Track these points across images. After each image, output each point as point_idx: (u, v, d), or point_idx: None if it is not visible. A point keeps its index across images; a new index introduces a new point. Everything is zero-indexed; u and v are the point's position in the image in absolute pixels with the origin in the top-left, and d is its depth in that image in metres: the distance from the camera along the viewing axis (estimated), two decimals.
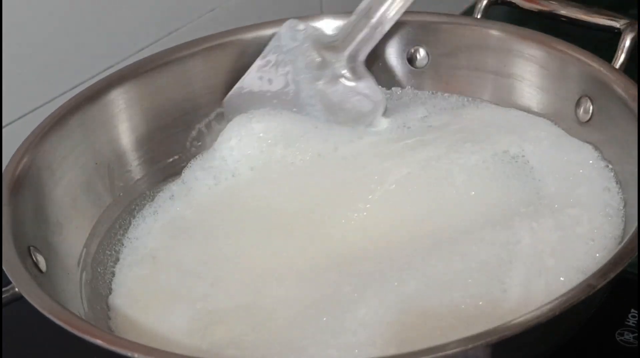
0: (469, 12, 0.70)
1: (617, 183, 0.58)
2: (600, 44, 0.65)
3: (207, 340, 0.54)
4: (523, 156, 0.63)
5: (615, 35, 0.62)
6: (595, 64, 0.60)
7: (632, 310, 0.59)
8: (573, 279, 0.50)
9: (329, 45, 0.67)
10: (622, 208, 0.56)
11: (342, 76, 0.67)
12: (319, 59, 0.67)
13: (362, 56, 0.67)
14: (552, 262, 0.54)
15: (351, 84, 0.67)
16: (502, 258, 0.54)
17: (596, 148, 0.60)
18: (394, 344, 0.51)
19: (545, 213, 0.57)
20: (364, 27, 0.67)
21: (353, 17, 0.67)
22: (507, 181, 0.62)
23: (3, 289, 0.49)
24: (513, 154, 0.63)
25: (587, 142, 0.61)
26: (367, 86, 0.67)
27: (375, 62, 0.69)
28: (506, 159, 0.63)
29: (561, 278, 0.53)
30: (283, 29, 0.67)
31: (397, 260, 0.57)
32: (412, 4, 0.65)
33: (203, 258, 0.61)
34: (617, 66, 0.61)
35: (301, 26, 0.68)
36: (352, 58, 0.67)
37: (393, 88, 0.70)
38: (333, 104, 0.67)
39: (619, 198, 0.57)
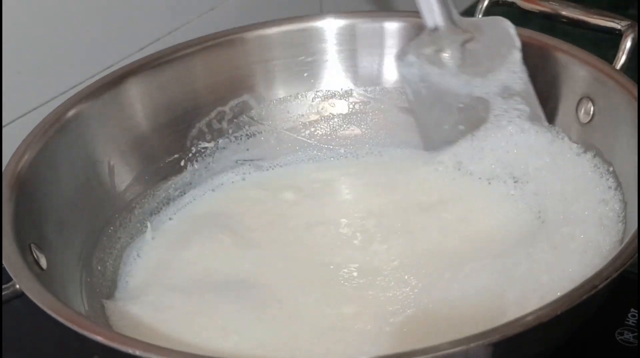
0: (470, 11, 0.70)
1: (616, 189, 0.58)
2: (601, 44, 0.66)
3: (207, 343, 0.54)
4: (522, 182, 0.64)
5: (615, 36, 0.62)
6: (596, 65, 0.60)
7: (632, 310, 0.59)
8: (566, 288, 0.51)
9: (429, 37, 0.66)
10: (621, 212, 0.56)
11: (460, 38, 0.65)
12: (431, 51, 0.66)
13: (454, 13, 0.65)
14: (546, 278, 0.54)
15: (469, 34, 0.65)
16: (499, 283, 0.55)
17: (597, 152, 0.60)
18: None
19: (542, 238, 0.58)
20: None
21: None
22: (506, 209, 0.63)
23: (4, 286, 0.49)
24: (511, 181, 0.64)
25: (587, 146, 0.61)
26: (482, 22, 0.66)
27: (376, 61, 0.70)
28: (505, 186, 0.64)
29: (554, 290, 0.53)
30: (400, 69, 0.67)
31: (398, 285, 0.58)
32: None
33: (204, 257, 0.61)
34: (618, 66, 0.61)
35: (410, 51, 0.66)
36: (449, 20, 0.65)
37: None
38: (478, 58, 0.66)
39: (617, 205, 0.57)
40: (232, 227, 0.64)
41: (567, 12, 0.65)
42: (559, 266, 0.55)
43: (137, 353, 0.42)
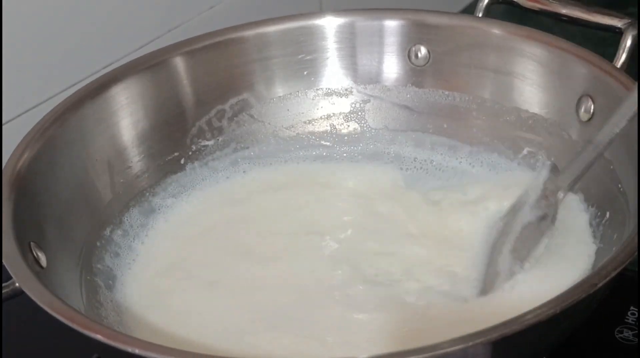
0: (470, 10, 0.70)
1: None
2: (601, 42, 0.66)
3: (205, 338, 0.54)
4: None
5: (616, 34, 0.62)
6: (596, 63, 0.60)
7: (632, 308, 0.59)
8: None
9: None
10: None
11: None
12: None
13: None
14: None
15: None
16: None
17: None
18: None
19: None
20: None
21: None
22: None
23: (3, 284, 0.49)
24: None
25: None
26: None
27: (376, 59, 0.70)
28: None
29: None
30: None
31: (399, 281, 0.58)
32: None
33: (203, 256, 0.62)
34: (619, 65, 0.61)
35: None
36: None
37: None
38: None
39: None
40: (232, 225, 0.64)
41: (567, 10, 0.65)
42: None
43: (137, 351, 0.42)
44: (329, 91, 0.71)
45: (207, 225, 0.64)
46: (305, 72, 0.70)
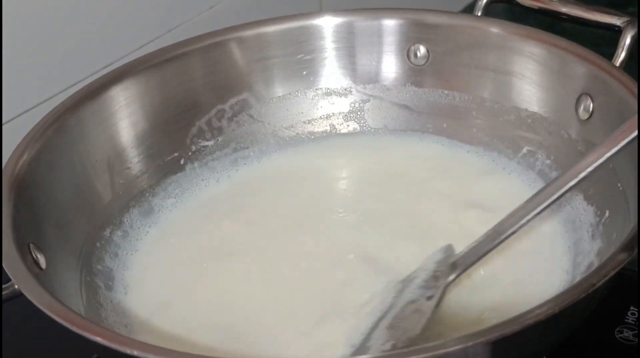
0: (470, 9, 0.70)
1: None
2: (600, 41, 0.66)
3: (205, 337, 0.55)
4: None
5: (615, 33, 0.62)
6: (595, 62, 0.60)
7: (632, 308, 0.59)
8: None
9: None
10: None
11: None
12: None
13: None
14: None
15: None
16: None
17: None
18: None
19: None
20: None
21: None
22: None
23: (3, 286, 0.49)
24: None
25: (587, 143, 0.61)
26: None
27: (375, 59, 0.70)
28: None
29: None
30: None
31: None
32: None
33: (202, 256, 0.62)
34: (618, 63, 0.61)
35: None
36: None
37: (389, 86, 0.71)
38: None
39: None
40: (232, 224, 0.64)
41: (567, 9, 0.65)
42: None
43: (135, 353, 0.42)
44: (329, 90, 0.71)
45: (207, 225, 0.64)
46: (304, 72, 0.70)
